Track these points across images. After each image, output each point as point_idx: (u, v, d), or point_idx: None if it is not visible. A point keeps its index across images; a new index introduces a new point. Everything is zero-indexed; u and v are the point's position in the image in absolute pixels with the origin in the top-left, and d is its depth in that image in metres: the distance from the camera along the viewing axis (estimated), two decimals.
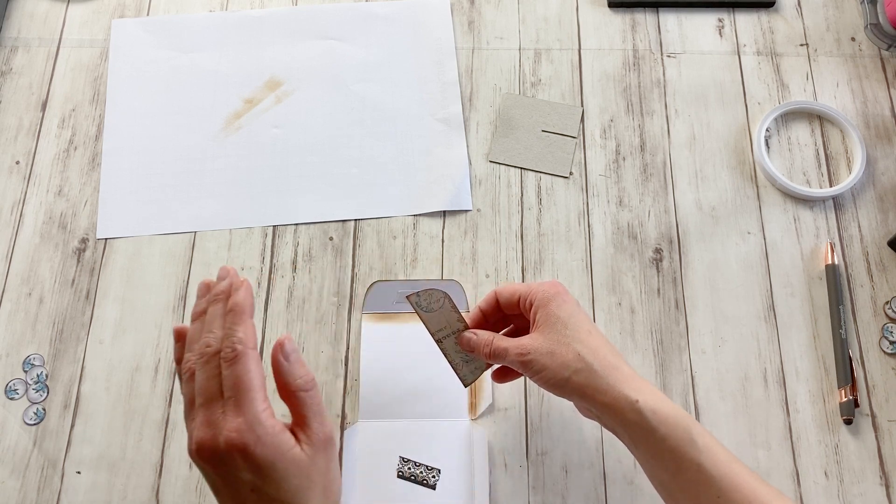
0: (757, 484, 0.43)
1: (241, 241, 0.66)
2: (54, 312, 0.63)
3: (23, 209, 0.67)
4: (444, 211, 0.67)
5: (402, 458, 0.57)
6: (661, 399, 0.46)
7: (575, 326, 0.48)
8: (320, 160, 0.69)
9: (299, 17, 0.76)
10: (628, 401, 0.45)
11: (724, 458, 0.44)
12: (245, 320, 0.42)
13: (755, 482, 0.43)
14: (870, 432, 0.59)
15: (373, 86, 0.72)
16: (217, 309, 0.44)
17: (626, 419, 0.45)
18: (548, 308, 0.48)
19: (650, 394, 0.46)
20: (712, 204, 0.67)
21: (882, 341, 0.62)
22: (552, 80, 0.72)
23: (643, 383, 0.47)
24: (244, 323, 0.42)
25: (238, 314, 0.42)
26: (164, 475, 0.58)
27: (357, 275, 0.64)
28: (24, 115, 0.70)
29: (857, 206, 0.67)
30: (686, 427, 0.44)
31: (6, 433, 0.59)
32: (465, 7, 0.76)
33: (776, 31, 0.74)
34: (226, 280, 0.45)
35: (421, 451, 0.57)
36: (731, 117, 0.70)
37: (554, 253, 0.65)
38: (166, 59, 0.73)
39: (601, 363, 0.47)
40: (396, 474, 0.57)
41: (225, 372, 0.40)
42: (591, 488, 0.57)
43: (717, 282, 0.64)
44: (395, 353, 0.61)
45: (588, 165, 0.69)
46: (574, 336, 0.47)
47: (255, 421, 0.39)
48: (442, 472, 0.57)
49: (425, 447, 0.57)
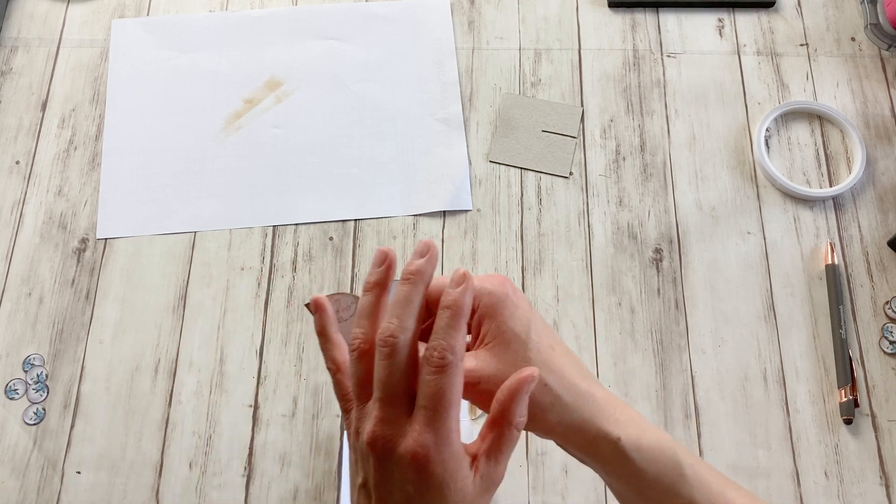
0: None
1: (241, 241, 0.66)
2: (54, 312, 0.63)
3: (23, 209, 0.67)
4: (444, 211, 0.67)
5: None
6: (643, 429, 0.40)
7: (536, 343, 0.39)
8: (320, 160, 0.69)
9: (299, 17, 0.76)
10: (609, 440, 0.39)
11: (716, 488, 0.40)
12: (462, 326, 0.36)
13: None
14: (870, 432, 0.59)
15: (373, 86, 0.72)
16: (406, 291, 0.37)
17: (608, 459, 0.40)
18: (498, 319, 0.39)
19: (631, 425, 0.39)
20: (712, 204, 0.67)
21: (882, 341, 0.62)
22: (552, 80, 0.72)
23: (620, 410, 0.40)
24: (461, 329, 0.36)
25: (457, 317, 0.36)
26: (164, 475, 0.58)
27: (357, 275, 0.64)
28: (24, 115, 0.70)
29: (857, 206, 0.67)
30: (673, 459, 0.40)
31: (6, 433, 0.59)
32: (465, 7, 0.76)
33: (776, 31, 0.74)
34: (425, 258, 0.38)
35: None
36: (731, 117, 0.70)
37: (554, 253, 0.65)
38: (166, 59, 0.73)
39: (571, 392, 0.39)
40: None
41: (427, 377, 0.36)
42: (591, 488, 0.57)
43: (717, 282, 0.64)
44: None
45: (588, 165, 0.69)
46: (536, 357, 0.38)
47: (446, 441, 0.35)
48: None
49: None
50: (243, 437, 0.59)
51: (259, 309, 0.63)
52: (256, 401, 0.60)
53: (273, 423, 0.59)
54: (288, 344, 0.62)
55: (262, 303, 0.63)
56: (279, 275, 0.64)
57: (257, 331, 0.62)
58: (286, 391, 0.60)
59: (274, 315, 0.63)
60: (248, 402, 0.60)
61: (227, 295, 0.64)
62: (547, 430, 0.39)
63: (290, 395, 0.60)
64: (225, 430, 0.59)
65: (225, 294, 0.64)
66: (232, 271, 0.64)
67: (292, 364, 0.61)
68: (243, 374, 0.61)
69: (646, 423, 0.40)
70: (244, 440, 0.59)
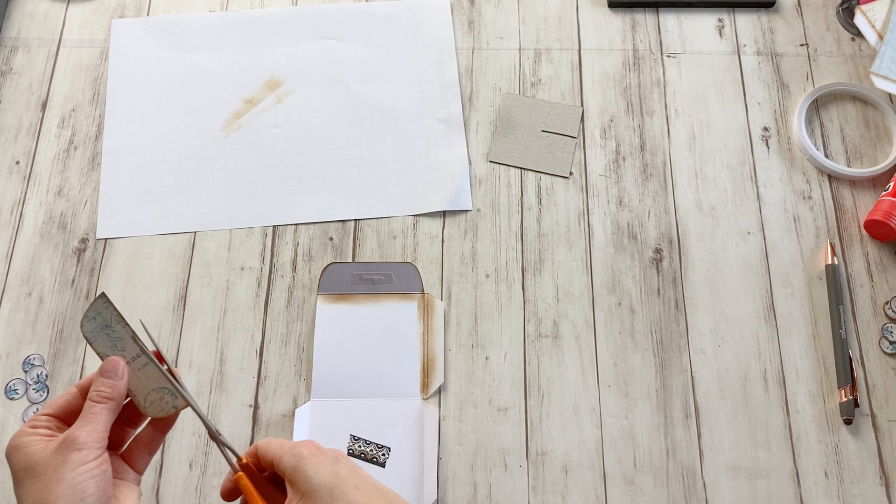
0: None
1: (241, 241, 0.66)
2: (54, 312, 0.63)
3: (23, 209, 0.67)
4: (444, 211, 0.67)
5: (353, 437, 0.58)
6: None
7: (340, 492, 0.41)
8: (320, 160, 0.69)
9: (299, 17, 0.76)
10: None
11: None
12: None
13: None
14: (870, 432, 0.59)
15: (373, 86, 0.72)
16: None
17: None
18: (300, 474, 0.41)
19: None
20: (712, 204, 0.67)
21: (882, 341, 0.62)
22: (552, 80, 0.72)
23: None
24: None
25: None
26: (165, 475, 0.58)
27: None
28: (24, 115, 0.70)
29: (857, 206, 0.67)
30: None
31: (6, 433, 0.59)
32: (465, 7, 0.76)
33: (776, 31, 0.74)
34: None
35: (372, 429, 0.58)
36: (731, 117, 0.70)
37: (554, 253, 0.65)
38: (166, 59, 0.73)
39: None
40: (347, 452, 0.57)
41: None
42: (591, 488, 0.57)
43: (717, 282, 0.64)
44: (348, 333, 0.62)
45: (588, 165, 0.69)
46: (343, 501, 0.41)
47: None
48: (392, 450, 0.57)
49: (376, 426, 0.58)
50: (243, 437, 0.59)
51: (259, 309, 0.63)
52: (256, 401, 0.60)
53: (273, 423, 0.59)
54: (288, 344, 0.62)
55: (262, 303, 0.63)
56: (279, 275, 0.64)
57: (257, 331, 0.62)
58: (286, 391, 0.60)
59: (274, 315, 0.63)
60: (248, 402, 0.60)
61: (227, 295, 0.64)
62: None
63: (290, 395, 0.60)
64: (225, 430, 0.59)
65: (225, 294, 0.64)
66: (232, 271, 0.65)
67: (292, 364, 0.61)
68: (243, 374, 0.61)
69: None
70: (244, 440, 0.59)
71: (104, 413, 0.42)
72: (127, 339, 0.44)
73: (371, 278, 0.64)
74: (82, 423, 0.41)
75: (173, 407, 0.44)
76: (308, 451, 0.42)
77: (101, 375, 0.43)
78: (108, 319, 0.44)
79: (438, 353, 0.61)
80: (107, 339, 0.44)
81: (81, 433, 0.40)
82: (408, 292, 0.63)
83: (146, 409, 0.44)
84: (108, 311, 0.45)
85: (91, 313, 0.45)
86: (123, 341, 0.44)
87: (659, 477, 0.58)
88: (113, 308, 0.45)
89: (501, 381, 0.61)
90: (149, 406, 0.44)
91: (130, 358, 0.44)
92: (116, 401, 0.43)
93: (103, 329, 0.44)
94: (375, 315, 0.62)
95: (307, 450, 0.43)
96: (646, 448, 0.58)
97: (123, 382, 0.43)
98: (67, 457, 0.39)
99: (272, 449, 0.43)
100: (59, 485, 0.39)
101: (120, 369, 0.43)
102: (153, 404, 0.44)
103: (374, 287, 0.63)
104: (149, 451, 0.45)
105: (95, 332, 0.44)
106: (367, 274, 0.64)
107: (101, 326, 0.44)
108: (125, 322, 0.45)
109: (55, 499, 0.38)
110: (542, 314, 0.63)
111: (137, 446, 0.45)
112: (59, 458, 0.39)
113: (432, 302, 0.63)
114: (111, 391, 0.42)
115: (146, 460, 0.45)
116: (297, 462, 0.42)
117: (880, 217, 0.63)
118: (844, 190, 0.67)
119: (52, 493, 0.38)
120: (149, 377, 0.44)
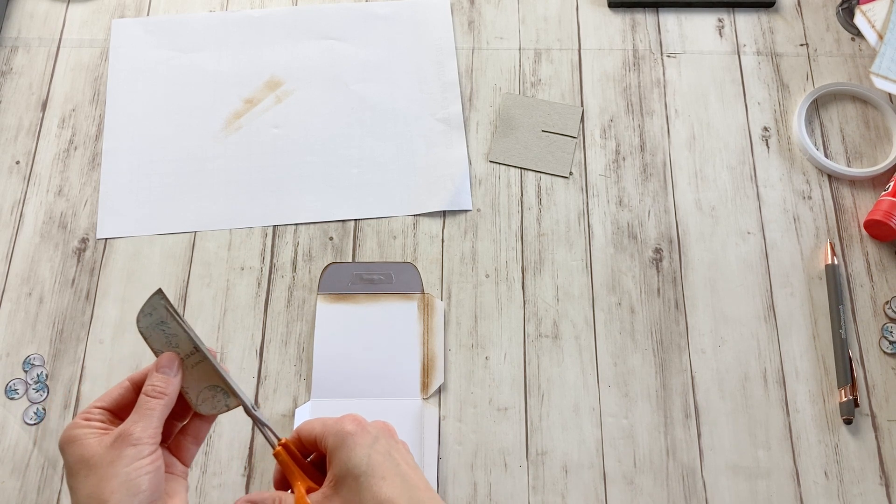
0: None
1: (241, 241, 0.66)
2: (54, 312, 0.63)
3: (23, 209, 0.67)
4: (444, 211, 0.67)
5: None
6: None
7: (367, 481, 0.40)
8: (320, 160, 0.69)
9: (299, 17, 0.76)
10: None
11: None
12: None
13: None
14: (870, 432, 0.59)
15: (373, 86, 0.72)
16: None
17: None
18: (338, 456, 0.41)
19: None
20: (712, 204, 0.67)
21: (882, 341, 0.62)
22: (552, 80, 0.72)
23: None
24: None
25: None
26: None
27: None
28: (24, 115, 0.70)
29: (857, 206, 0.67)
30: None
31: (6, 433, 0.59)
32: (465, 7, 0.76)
33: (776, 31, 0.74)
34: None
35: None
36: (731, 117, 0.71)
37: (554, 253, 0.65)
38: (166, 59, 0.73)
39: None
40: None
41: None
42: (591, 488, 0.57)
43: (717, 282, 0.64)
44: (348, 333, 0.62)
45: (588, 165, 0.69)
46: (367, 495, 0.40)
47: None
48: None
49: None
50: (243, 437, 0.59)
51: (259, 309, 0.63)
52: (256, 401, 0.60)
53: (273, 423, 0.59)
54: (288, 344, 0.62)
55: (262, 303, 0.63)
56: (279, 275, 0.64)
57: (257, 331, 0.62)
58: (286, 391, 0.60)
59: (274, 315, 0.63)
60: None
61: (227, 295, 0.64)
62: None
63: (290, 395, 0.60)
64: (225, 430, 0.59)
65: (225, 294, 0.64)
66: (232, 271, 0.65)
67: (292, 364, 0.61)
68: (243, 374, 0.61)
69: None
70: (244, 440, 0.59)
71: (158, 408, 0.41)
72: (181, 336, 0.44)
73: (371, 278, 0.64)
74: (137, 417, 0.41)
75: (225, 406, 0.44)
76: (352, 427, 0.42)
77: (156, 371, 0.43)
78: (164, 316, 0.44)
79: (438, 353, 0.61)
80: (162, 336, 0.44)
81: (136, 428, 0.40)
82: (408, 292, 0.63)
83: (198, 407, 0.44)
84: (163, 308, 0.44)
85: (147, 309, 0.44)
86: (178, 338, 0.44)
87: (659, 477, 0.58)
88: (168, 304, 0.44)
89: (501, 381, 0.61)
90: (201, 404, 0.44)
91: (185, 355, 0.44)
92: (171, 397, 0.42)
93: (158, 325, 0.44)
94: (375, 315, 0.62)
95: (351, 426, 0.42)
96: (646, 448, 0.58)
97: (178, 379, 0.43)
98: (122, 452, 0.39)
99: (315, 428, 0.43)
100: (114, 479, 0.38)
101: (175, 365, 0.43)
102: (205, 402, 0.44)
103: (374, 287, 0.63)
104: (195, 442, 0.45)
105: (151, 327, 0.44)
106: (367, 274, 0.64)
107: (156, 322, 0.44)
108: (180, 318, 0.44)
109: (109, 493, 0.38)
110: (542, 314, 0.63)
111: (185, 438, 0.45)
112: (114, 453, 0.39)
113: (432, 302, 0.63)
114: (166, 386, 0.42)
115: (193, 451, 0.45)
116: (337, 443, 0.41)
117: (880, 217, 0.63)
118: (844, 190, 0.67)
119: (107, 487, 0.38)
120: (202, 374, 0.44)
